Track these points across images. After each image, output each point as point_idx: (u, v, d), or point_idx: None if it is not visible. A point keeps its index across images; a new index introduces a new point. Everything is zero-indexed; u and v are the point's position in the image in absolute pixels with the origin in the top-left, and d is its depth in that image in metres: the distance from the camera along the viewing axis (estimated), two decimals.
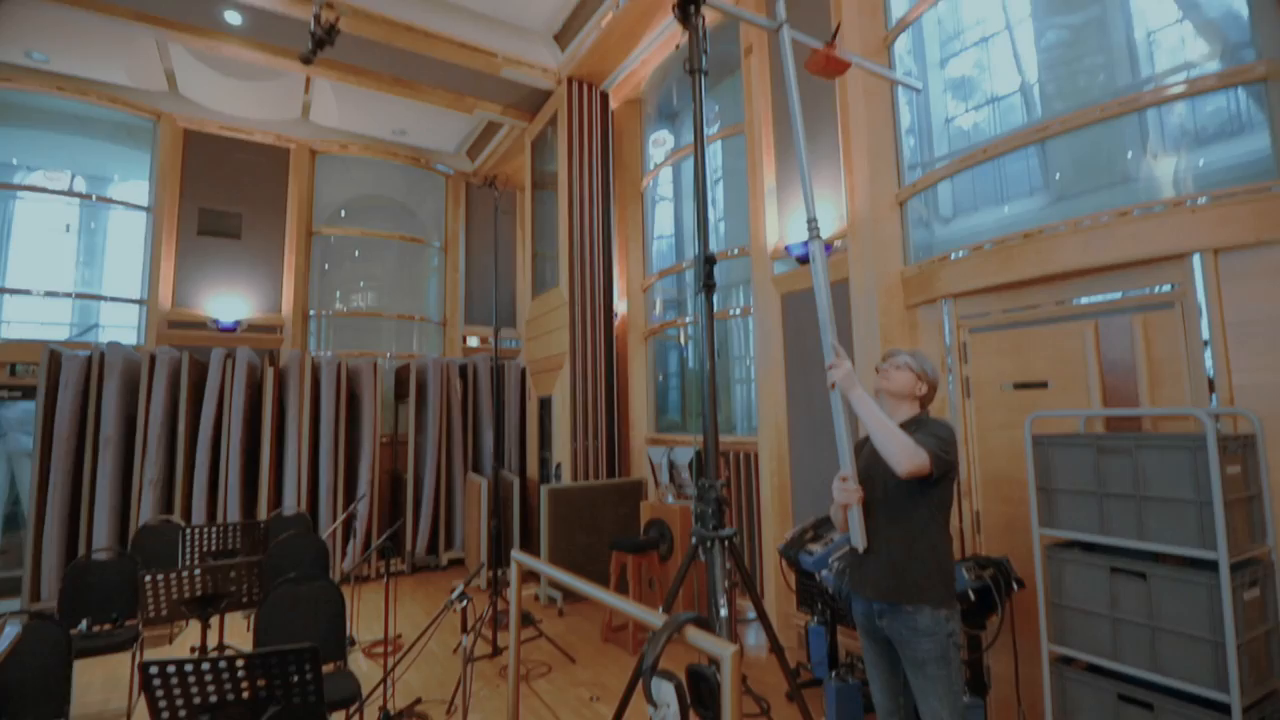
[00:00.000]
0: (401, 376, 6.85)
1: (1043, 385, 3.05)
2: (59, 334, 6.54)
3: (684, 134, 6.33)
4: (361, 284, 8.13)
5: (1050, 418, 2.79)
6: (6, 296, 6.42)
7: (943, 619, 1.83)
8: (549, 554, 4.91)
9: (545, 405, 6.45)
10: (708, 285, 1.71)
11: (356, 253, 8.07)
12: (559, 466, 5.87)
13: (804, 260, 4.06)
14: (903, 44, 4.14)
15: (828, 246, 3.97)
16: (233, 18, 5.28)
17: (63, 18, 5.18)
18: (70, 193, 6.92)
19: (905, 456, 1.75)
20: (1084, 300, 2.95)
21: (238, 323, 6.98)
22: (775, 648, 1.81)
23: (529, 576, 5.58)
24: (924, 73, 4.23)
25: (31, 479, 5.05)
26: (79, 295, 6.74)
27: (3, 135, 6.60)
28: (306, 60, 3.24)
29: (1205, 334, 2.43)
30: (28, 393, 5.96)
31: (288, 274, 7.36)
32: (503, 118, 7.09)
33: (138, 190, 6.96)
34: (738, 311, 5.31)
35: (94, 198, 6.92)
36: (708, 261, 1.70)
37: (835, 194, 4.03)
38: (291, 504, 5.71)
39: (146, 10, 5.17)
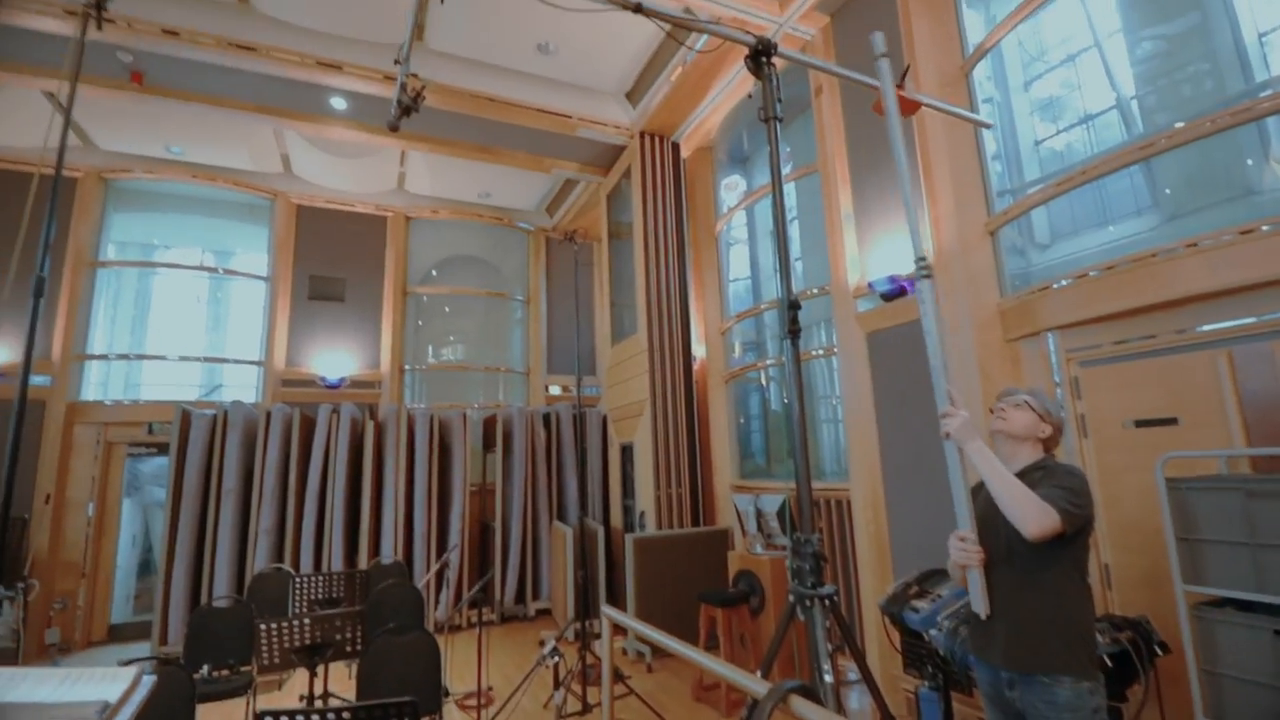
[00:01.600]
0: (489, 427, 7.08)
1: (1171, 422, 2.76)
2: (189, 394, 7.23)
3: (756, 177, 6.36)
4: (451, 338, 8.56)
5: (1185, 458, 2.51)
6: (146, 362, 7.20)
7: (1085, 692, 1.62)
8: (635, 605, 4.83)
9: (627, 452, 6.46)
10: (793, 331, 1.67)
11: (446, 309, 8.54)
12: (643, 515, 5.83)
13: (888, 297, 3.93)
14: (982, 70, 4.03)
15: (912, 282, 3.83)
16: (338, 103, 5.85)
17: (197, 114, 5.89)
18: (201, 267, 7.74)
19: (1033, 518, 1.59)
20: (1209, 327, 2.68)
21: (342, 379, 7.48)
22: (885, 717, 1.67)
23: (617, 629, 5.50)
24: (1007, 96, 4.09)
25: (163, 529, 5.53)
26: (206, 359, 7.46)
27: (147, 220, 7.52)
28: (393, 127, 3.43)
29: None
30: (161, 449, 6.58)
31: (386, 332, 7.86)
32: (579, 174, 7.39)
33: (257, 262, 7.70)
34: (820, 351, 5.17)
35: (220, 270, 7.71)
36: (792, 307, 1.67)
37: (919, 226, 3.90)
38: (389, 552, 5.95)
39: (266, 103, 5.82)
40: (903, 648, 3.27)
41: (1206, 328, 2.68)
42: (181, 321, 7.53)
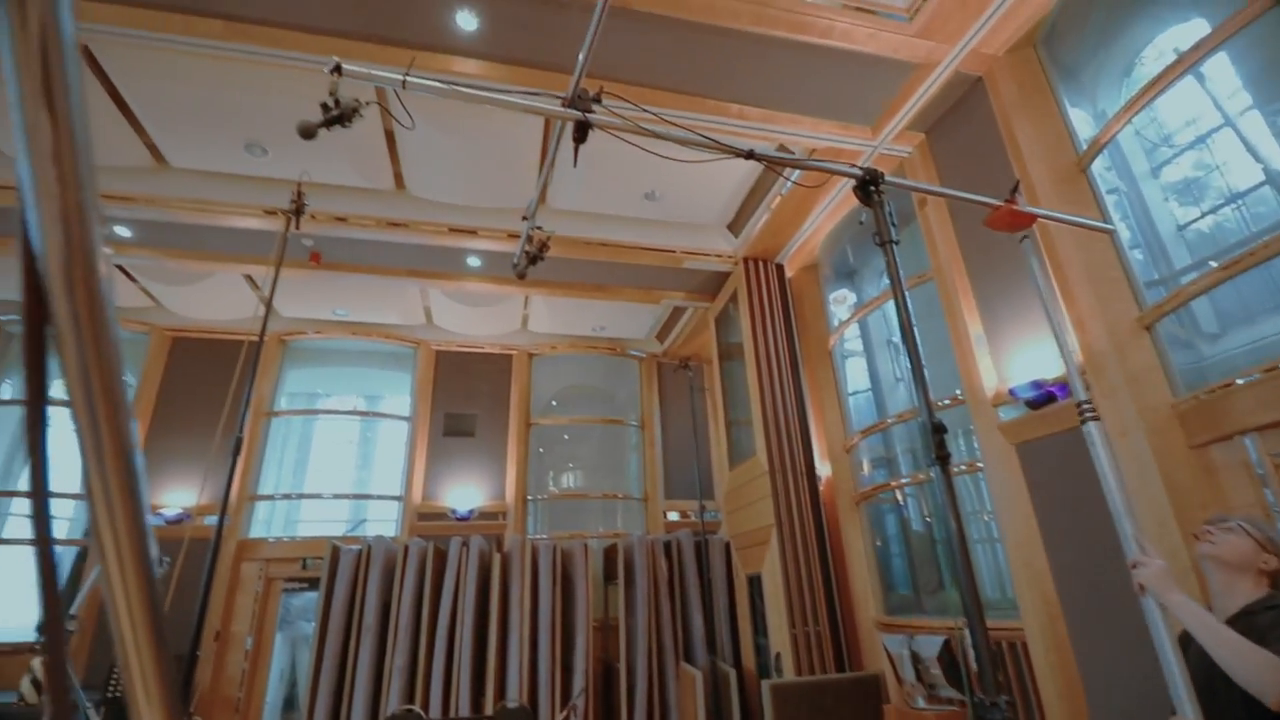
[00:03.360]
0: (610, 556, 6.98)
1: None
2: (337, 529, 7.79)
3: (865, 289, 6.29)
4: (570, 465, 8.78)
5: None
6: (305, 501, 7.91)
7: None
8: None
9: (755, 583, 6.06)
10: (940, 456, 1.55)
11: (565, 436, 8.83)
12: (778, 656, 5.33)
13: (1035, 404, 3.60)
14: (1100, 163, 3.88)
15: (1061, 388, 3.50)
16: (473, 261, 6.60)
17: (358, 281, 6.87)
18: (354, 412, 8.63)
19: (1273, 683, 1.30)
20: None
21: (471, 511, 7.79)
22: None
23: None
24: (1134, 185, 3.89)
25: (308, 664, 5.76)
26: (355, 496, 8.09)
27: (314, 373, 8.60)
28: (521, 275, 3.77)
29: None
30: (312, 584, 7.02)
31: (510, 463, 8.21)
32: (687, 302, 7.70)
33: (401, 404, 8.48)
34: (963, 466, 4.74)
35: (370, 414, 8.54)
36: (936, 430, 1.56)
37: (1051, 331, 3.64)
38: (514, 694, 5.79)
39: (414, 267, 6.69)
40: None
41: None
42: (335, 462, 8.31)
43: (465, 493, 7.91)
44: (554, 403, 8.96)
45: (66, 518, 7.26)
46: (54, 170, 0.25)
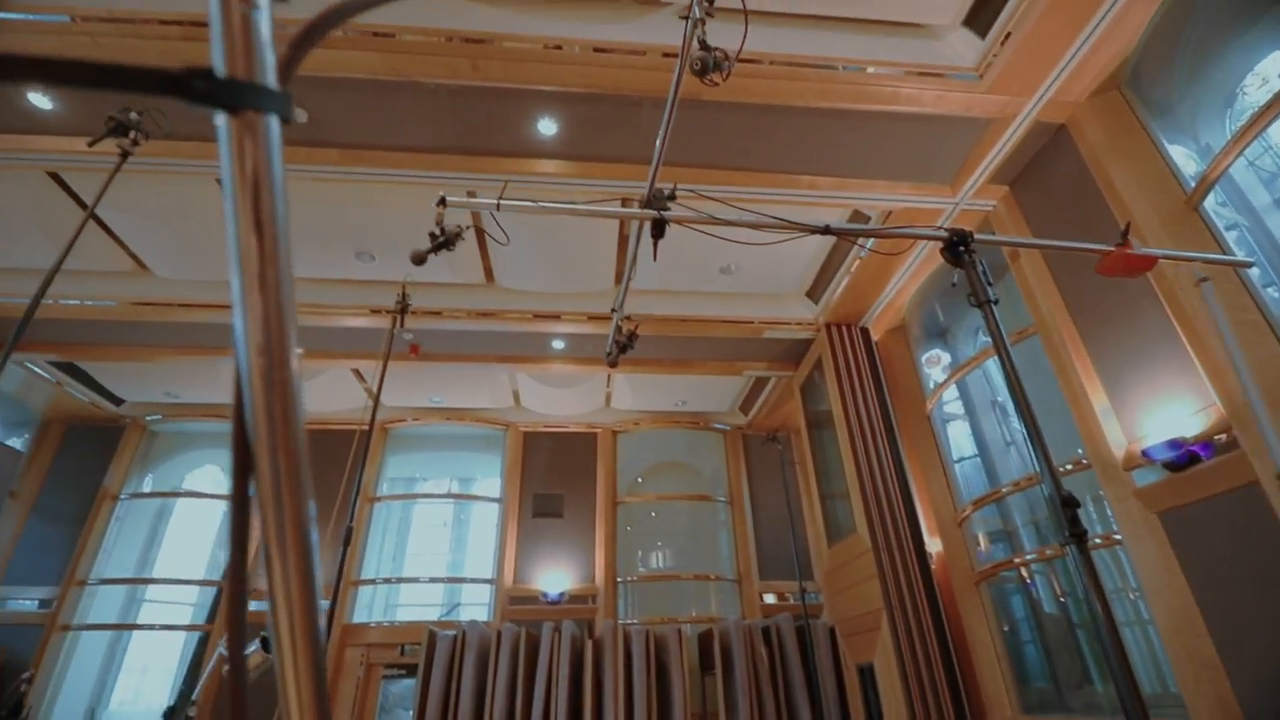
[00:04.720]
0: (705, 644, 6.64)
1: None
2: (433, 614, 7.87)
3: (960, 349, 6.00)
4: (659, 543, 8.57)
5: None
6: (404, 585, 8.10)
7: None
8: None
9: (866, 675, 5.54)
10: (1076, 534, 1.40)
11: (653, 514, 8.69)
12: None
13: (1175, 466, 3.23)
14: (1213, 199, 3.61)
15: (1205, 446, 3.13)
16: (557, 344, 6.85)
17: (452, 369, 7.25)
18: (448, 495, 8.90)
19: None
20: None
21: (562, 594, 7.70)
22: None
23: None
24: (1256, 219, 3.59)
25: None
26: (449, 580, 8.21)
27: (411, 459, 9.00)
28: (612, 364, 3.90)
29: None
30: (410, 670, 7.06)
31: (599, 544, 8.11)
32: (769, 372, 7.59)
33: (491, 486, 8.68)
34: (1097, 540, 4.25)
35: (463, 497, 8.78)
36: (1067, 505, 1.42)
37: (1183, 384, 3.31)
38: None
39: (503, 353, 7.02)
40: None
41: None
42: (431, 545, 8.52)
43: (555, 576, 7.85)
44: (639, 479, 8.90)
45: (190, 603, 7.75)
46: (259, 285, 0.30)
